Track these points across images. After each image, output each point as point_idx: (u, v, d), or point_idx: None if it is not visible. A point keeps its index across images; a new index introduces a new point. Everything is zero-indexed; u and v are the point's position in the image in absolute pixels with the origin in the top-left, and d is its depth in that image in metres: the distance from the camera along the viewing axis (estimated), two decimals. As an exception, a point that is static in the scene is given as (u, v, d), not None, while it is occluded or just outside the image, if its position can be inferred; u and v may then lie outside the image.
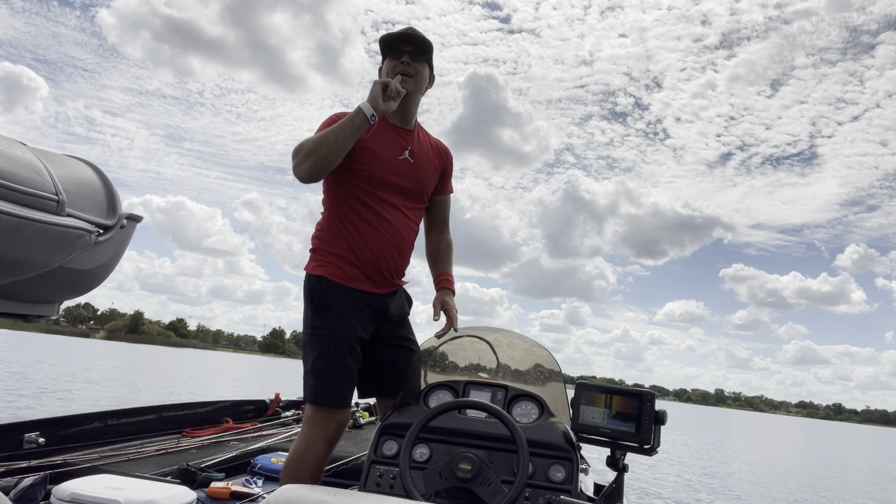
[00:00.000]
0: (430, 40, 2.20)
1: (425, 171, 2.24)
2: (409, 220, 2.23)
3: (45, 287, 0.83)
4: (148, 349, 79.74)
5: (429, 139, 2.34)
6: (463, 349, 2.39)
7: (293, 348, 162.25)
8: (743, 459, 18.17)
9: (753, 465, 16.50)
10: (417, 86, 2.18)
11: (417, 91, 2.20)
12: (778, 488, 12.04)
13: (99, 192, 0.86)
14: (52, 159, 0.80)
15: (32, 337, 65.90)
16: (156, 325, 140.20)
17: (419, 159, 2.22)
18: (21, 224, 0.70)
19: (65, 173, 0.80)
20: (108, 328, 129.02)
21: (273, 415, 4.12)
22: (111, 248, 0.88)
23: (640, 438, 1.90)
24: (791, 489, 12.14)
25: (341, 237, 2.13)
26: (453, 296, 2.34)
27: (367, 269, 2.13)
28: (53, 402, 11.86)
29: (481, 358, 2.40)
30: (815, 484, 13.84)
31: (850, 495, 12.66)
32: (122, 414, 3.01)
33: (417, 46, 2.17)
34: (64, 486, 1.77)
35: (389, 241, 2.14)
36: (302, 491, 1.11)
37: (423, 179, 2.24)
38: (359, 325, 2.11)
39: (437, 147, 2.35)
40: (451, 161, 2.39)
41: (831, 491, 12.80)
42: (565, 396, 2.18)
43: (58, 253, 0.78)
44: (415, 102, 2.22)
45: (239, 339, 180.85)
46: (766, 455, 21.65)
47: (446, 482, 1.78)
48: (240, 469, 2.91)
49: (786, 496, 11.28)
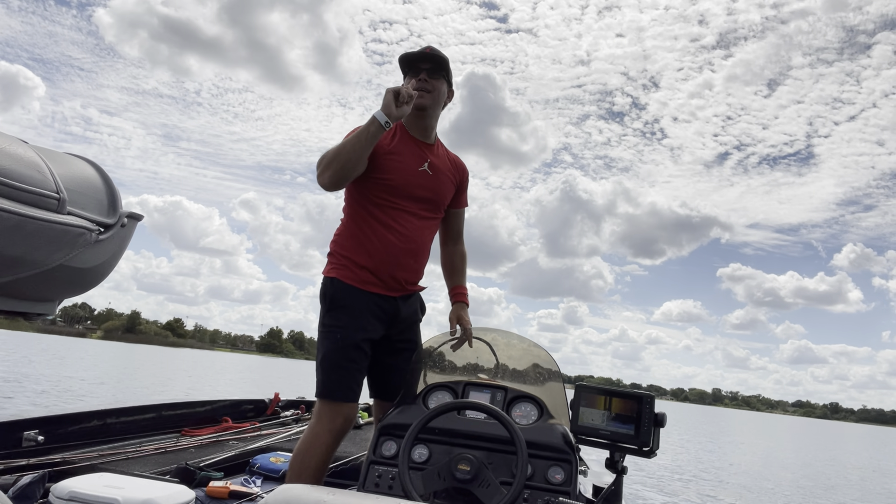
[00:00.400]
0: (448, 57, 2.31)
1: (443, 183, 2.34)
2: (424, 229, 2.31)
3: (46, 285, 0.83)
4: (144, 349, 79.05)
5: (448, 154, 2.45)
6: (462, 350, 2.40)
7: (291, 348, 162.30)
8: (740, 459, 18.18)
9: (751, 465, 16.51)
10: (435, 101, 2.29)
11: (436, 105, 2.30)
12: (775, 488, 12.06)
13: (100, 191, 0.86)
14: (54, 157, 0.80)
15: (27, 337, 65.20)
16: (153, 324, 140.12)
17: (438, 171, 2.32)
18: (22, 222, 0.70)
19: (66, 171, 0.80)
20: (105, 328, 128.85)
21: (272, 414, 4.12)
22: (112, 246, 0.88)
23: (640, 441, 1.90)
24: (789, 488, 12.16)
25: (358, 242, 2.22)
26: (468, 308, 2.45)
27: (381, 273, 2.21)
28: (48, 402, 11.80)
29: (480, 359, 2.41)
30: (813, 483, 13.88)
31: (845, 494, 12.69)
32: (121, 412, 3.01)
33: (434, 63, 2.27)
34: (63, 485, 1.77)
35: (405, 247, 2.22)
36: (301, 490, 1.11)
37: (441, 191, 2.34)
38: (368, 325, 2.18)
39: (455, 162, 2.45)
40: (468, 176, 2.50)
41: (829, 490, 12.83)
42: (565, 398, 2.18)
43: (58, 251, 0.78)
44: (434, 116, 2.33)
45: (236, 338, 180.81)
46: (765, 454, 21.67)
47: (445, 483, 1.78)
48: (239, 468, 2.91)
49: (783, 495, 11.30)
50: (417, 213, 2.26)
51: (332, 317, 2.18)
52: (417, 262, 2.30)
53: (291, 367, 69.71)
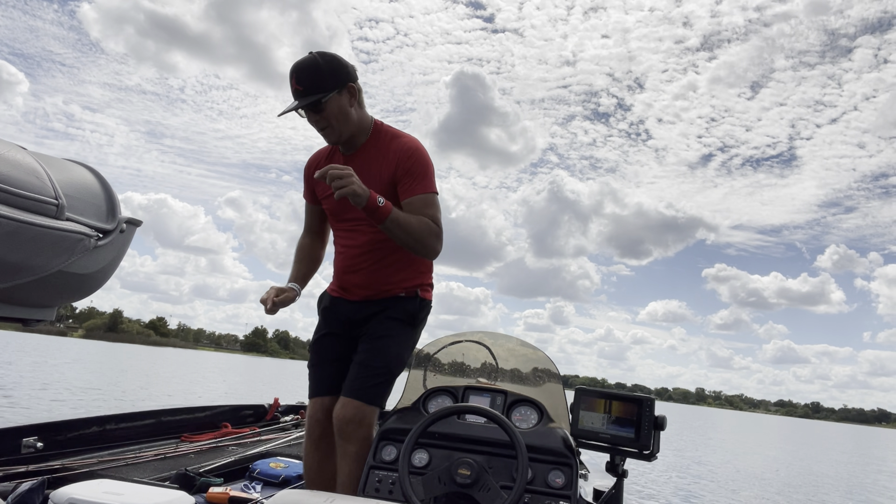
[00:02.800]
0: (327, 60, 2.08)
1: (370, 188, 2.01)
2: (376, 237, 2.18)
3: (45, 291, 0.83)
4: (126, 348, 77.04)
5: (380, 148, 2.20)
6: (462, 354, 2.40)
7: (275, 347, 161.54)
8: (727, 458, 18.18)
9: (738, 465, 16.48)
10: (338, 124, 2.12)
11: (342, 126, 2.13)
12: (759, 486, 12.05)
13: (98, 197, 0.86)
14: (52, 163, 0.80)
15: (4, 336, 62.69)
16: (135, 323, 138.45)
17: (363, 179, 2.00)
18: (21, 228, 0.70)
19: (64, 177, 0.80)
20: (87, 326, 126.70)
21: (272, 420, 4.11)
22: (110, 252, 0.88)
23: (640, 444, 1.90)
24: (773, 487, 12.14)
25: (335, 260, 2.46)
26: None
27: (341, 282, 2.37)
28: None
29: (480, 363, 2.41)
30: (794, 481, 13.90)
31: (826, 492, 12.72)
32: (120, 418, 3.00)
33: (310, 95, 2.05)
34: (62, 491, 1.77)
35: (351, 259, 2.30)
36: (300, 496, 1.10)
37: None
38: (326, 324, 2.39)
39: (391, 152, 2.18)
40: (415, 160, 2.15)
41: (813, 487, 12.84)
42: (565, 402, 2.18)
43: (57, 257, 0.78)
44: (346, 132, 2.15)
45: (220, 337, 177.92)
46: (749, 453, 21.73)
47: (445, 487, 1.78)
48: (238, 474, 2.90)
49: (766, 494, 11.30)
50: (357, 229, 2.23)
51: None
52: (371, 270, 2.25)
53: (275, 367, 68.46)
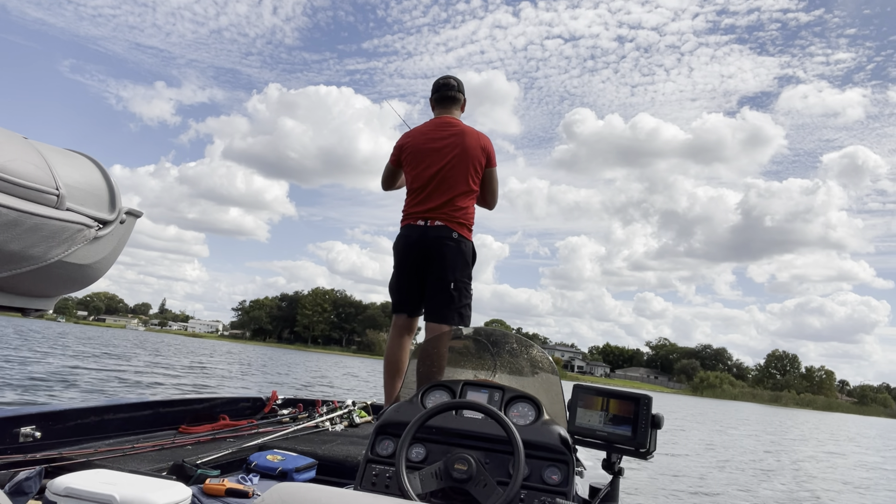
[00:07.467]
0: (455, 84, 3.68)
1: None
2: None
3: (44, 281, 0.83)
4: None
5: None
6: (460, 349, 2.40)
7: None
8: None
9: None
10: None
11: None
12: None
13: (99, 187, 0.86)
14: (53, 153, 0.80)
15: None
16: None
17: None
18: (21, 218, 0.70)
19: (65, 167, 0.80)
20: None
21: (270, 412, 4.12)
22: (110, 243, 0.89)
23: (637, 442, 1.90)
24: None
25: None
26: None
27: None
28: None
29: (479, 358, 2.41)
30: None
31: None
32: (118, 409, 3.01)
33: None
34: (59, 481, 1.77)
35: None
36: (297, 489, 1.11)
37: None
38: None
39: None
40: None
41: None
42: (562, 399, 2.19)
43: (57, 247, 0.78)
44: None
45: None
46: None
47: (442, 482, 1.78)
48: (235, 466, 2.91)
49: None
50: None
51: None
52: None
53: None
